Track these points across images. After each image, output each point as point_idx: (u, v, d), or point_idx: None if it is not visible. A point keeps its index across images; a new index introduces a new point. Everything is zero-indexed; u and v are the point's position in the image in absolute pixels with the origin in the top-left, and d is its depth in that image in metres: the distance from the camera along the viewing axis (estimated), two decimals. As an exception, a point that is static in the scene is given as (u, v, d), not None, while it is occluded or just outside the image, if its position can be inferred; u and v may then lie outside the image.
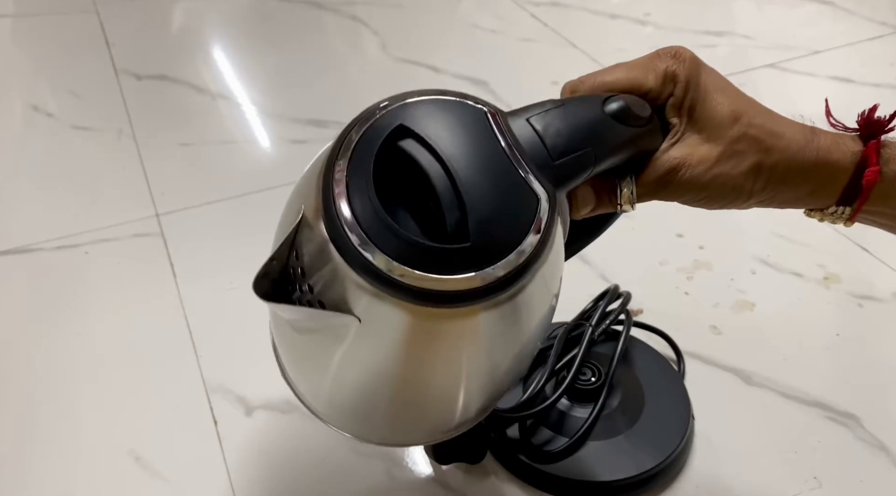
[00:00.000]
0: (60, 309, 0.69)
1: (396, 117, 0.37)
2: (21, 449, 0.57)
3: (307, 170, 0.42)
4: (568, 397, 0.57)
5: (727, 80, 0.43)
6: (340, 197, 0.35)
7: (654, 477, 0.54)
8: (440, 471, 0.56)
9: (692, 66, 0.41)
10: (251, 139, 0.93)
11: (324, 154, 0.39)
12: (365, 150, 0.36)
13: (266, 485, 0.55)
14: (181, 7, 1.23)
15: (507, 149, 0.37)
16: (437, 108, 0.37)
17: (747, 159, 0.41)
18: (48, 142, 0.91)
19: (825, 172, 0.42)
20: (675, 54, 0.42)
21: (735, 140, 0.41)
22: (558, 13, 1.17)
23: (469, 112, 0.38)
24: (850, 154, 0.41)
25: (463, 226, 0.35)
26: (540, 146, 0.38)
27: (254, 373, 0.61)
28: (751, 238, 0.76)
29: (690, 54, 0.42)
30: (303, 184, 0.40)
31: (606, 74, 0.42)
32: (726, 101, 0.41)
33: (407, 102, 0.37)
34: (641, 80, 0.42)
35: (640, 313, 0.67)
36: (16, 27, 1.17)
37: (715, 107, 0.41)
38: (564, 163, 0.38)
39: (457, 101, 0.38)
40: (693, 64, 0.42)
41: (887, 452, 0.57)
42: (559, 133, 0.38)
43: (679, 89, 0.41)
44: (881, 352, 0.65)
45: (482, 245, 0.35)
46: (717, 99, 0.41)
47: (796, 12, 1.18)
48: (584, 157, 0.38)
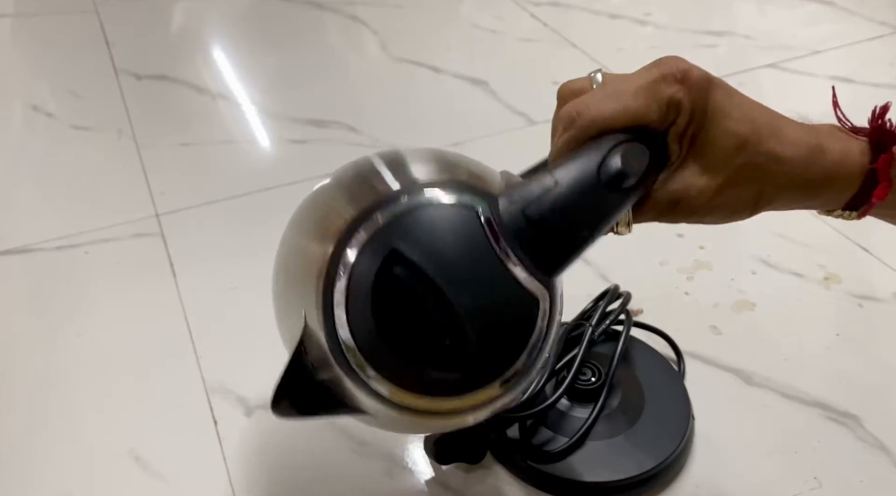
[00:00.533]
0: (60, 309, 0.69)
1: (391, 235, 0.37)
2: (21, 449, 0.57)
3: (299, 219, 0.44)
4: (568, 397, 0.57)
5: (738, 96, 0.40)
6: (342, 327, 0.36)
7: (654, 477, 0.54)
8: (440, 471, 0.56)
9: (699, 91, 0.39)
10: (251, 139, 0.93)
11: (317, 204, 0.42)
12: (363, 274, 0.36)
13: (266, 485, 0.55)
14: (181, 7, 1.23)
15: (501, 255, 0.37)
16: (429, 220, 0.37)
17: (749, 188, 0.40)
18: (48, 142, 0.91)
19: (831, 188, 0.41)
20: (683, 78, 0.39)
21: (737, 170, 0.39)
22: (558, 13, 1.17)
23: (462, 219, 0.37)
24: (859, 167, 0.40)
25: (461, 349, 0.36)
26: (536, 240, 0.38)
27: (254, 373, 0.61)
28: (751, 238, 0.76)
29: (699, 75, 0.39)
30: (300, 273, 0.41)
31: (605, 106, 0.39)
32: (733, 126, 0.39)
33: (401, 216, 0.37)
34: (643, 113, 0.39)
35: (640, 313, 0.67)
36: (16, 27, 1.17)
37: (719, 135, 0.39)
38: (562, 251, 0.38)
39: (450, 207, 0.38)
40: (700, 88, 0.39)
41: (887, 452, 0.57)
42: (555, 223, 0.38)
43: (682, 119, 0.39)
44: (881, 352, 0.65)
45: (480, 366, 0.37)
46: (722, 126, 0.39)
47: (796, 12, 1.18)
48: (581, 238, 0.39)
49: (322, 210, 0.42)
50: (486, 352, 0.37)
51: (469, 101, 0.98)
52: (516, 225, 0.37)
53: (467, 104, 0.98)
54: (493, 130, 0.92)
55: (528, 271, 0.37)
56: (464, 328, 0.36)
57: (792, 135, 0.40)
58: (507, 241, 0.37)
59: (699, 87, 0.39)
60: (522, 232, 0.37)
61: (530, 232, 0.37)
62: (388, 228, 0.37)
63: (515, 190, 0.39)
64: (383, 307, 0.36)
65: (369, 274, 0.36)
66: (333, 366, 0.37)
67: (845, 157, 0.40)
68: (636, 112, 0.39)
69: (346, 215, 0.38)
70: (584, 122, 0.39)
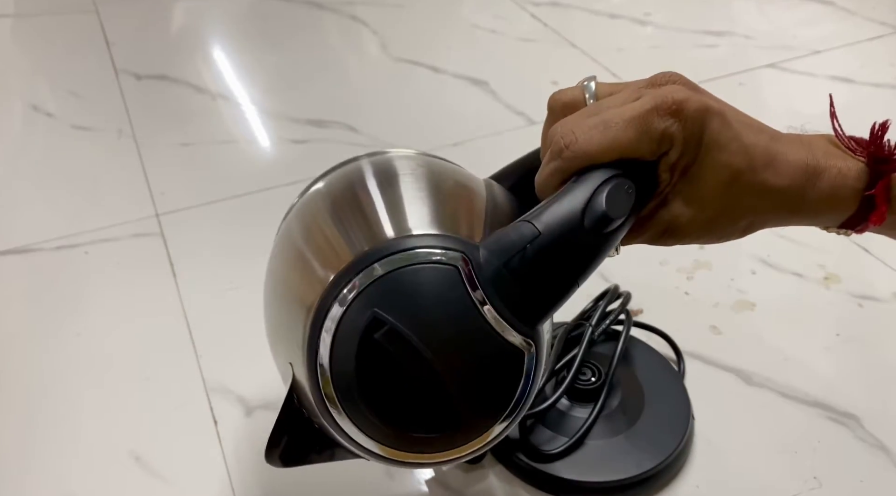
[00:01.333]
0: (60, 309, 0.69)
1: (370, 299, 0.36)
2: (21, 449, 0.57)
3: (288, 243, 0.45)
4: (568, 397, 0.57)
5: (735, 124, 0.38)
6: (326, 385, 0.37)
7: (654, 477, 0.54)
8: (440, 472, 0.56)
9: (694, 124, 0.37)
10: (251, 139, 0.93)
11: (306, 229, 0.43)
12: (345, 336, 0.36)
13: (266, 485, 0.55)
14: (181, 7, 1.23)
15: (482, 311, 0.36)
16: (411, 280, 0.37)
17: (740, 219, 0.40)
18: (48, 142, 0.91)
19: (826, 212, 0.40)
20: (678, 110, 0.37)
21: (729, 203, 0.39)
22: (558, 13, 1.17)
23: (441, 278, 0.37)
24: (856, 191, 0.39)
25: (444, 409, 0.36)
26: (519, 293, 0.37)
27: (254, 373, 0.61)
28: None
29: (696, 107, 0.37)
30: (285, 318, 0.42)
31: (594, 139, 0.37)
32: (727, 159, 0.38)
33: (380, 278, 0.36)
34: (634, 148, 0.37)
35: (640, 313, 0.67)
36: (16, 27, 1.17)
37: (712, 168, 0.38)
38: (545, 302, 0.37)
39: (431, 267, 0.37)
40: (695, 121, 0.37)
41: (887, 452, 0.57)
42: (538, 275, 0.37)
43: (675, 152, 0.37)
44: (881, 352, 0.65)
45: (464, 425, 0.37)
46: (716, 159, 0.37)
47: (796, 12, 1.18)
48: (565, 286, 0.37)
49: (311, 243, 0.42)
50: (469, 411, 0.36)
51: (469, 101, 0.98)
52: (498, 280, 0.36)
53: (467, 104, 0.98)
54: (492, 130, 0.92)
55: (511, 324, 0.36)
56: (445, 388, 0.36)
57: (787, 160, 0.39)
58: (488, 296, 0.36)
59: (694, 120, 0.37)
60: (505, 286, 0.36)
61: (513, 286, 0.36)
62: (372, 289, 0.36)
63: (498, 239, 0.37)
64: (365, 370, 0.36)
65: (353, 336, 0.36)
66: (321, 419, 0.38)
67: (842, 180, 0.39)
68: (627, 147, 0.37)
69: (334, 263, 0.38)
70: (570, 154, 0.38)
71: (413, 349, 0.35)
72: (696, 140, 0.37)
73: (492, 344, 0.36)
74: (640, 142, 0.37)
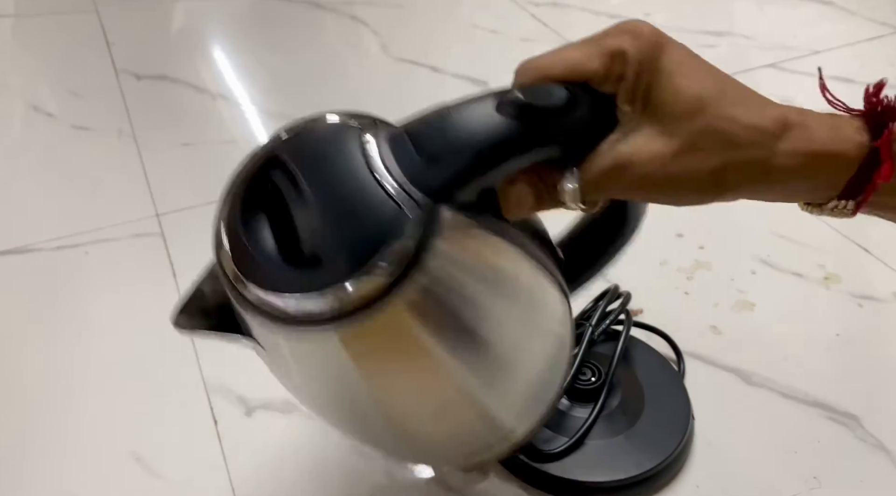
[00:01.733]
0: (60, 309, 0.69)
1: (277, 148, 0.38)
2: (21, 449, 0.57)
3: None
4: (568, 397, 0.57)
5: (700, 59, 0.36)
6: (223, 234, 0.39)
7: (654, 477, 0.54)
8: (440, 471, 0.56)
9: (649, 44, 0.35)
10: (251, 139, 0.93)
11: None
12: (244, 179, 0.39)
13: (266, 485, 0.55)
14: (181, 7, 1.23)
15: (373, 167, 0.36)
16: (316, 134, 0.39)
17: (711, 158, 0.35)
18: (48, 142, 0.91)
19: (822, 168, 0.36)
20: (633, 30, 0.36)
21: (696, 134, 0.35)
22: (558, 13, 1.18)
23: (344, 134, 0.38)
24: (854, 145, 0.35)
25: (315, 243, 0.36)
26: (416, 159, 0.36)
27: (254, 373, 0.61)
28: (751, 238, 0.76)
29: (651, 29, 0.36)
30: None
31: (546, 55, 0.37)
32: (691, 85, 0.35)
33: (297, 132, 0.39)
34: (584, 62, 0.35)
35: (640, 313, 0.67)
36: (16, 27, 1.17)
37: (675, 93, 0.35)
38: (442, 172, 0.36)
39: (337, 125, 0.39)
40: (651, 42, 0.35)
41: (887, 452, 0.57)
42: (436, 142, 0.36)
43: (630, 71, 0.35)
44: (881, 352, 0.65)
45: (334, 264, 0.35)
46: (679, 83, 0.35)
47: (796, 12, 1.18)
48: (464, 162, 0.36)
49: None
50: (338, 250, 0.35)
51: (469, 101, 0.98)
52: (397, 142, 0.37)
53: (467, 104, 0.98)
54: (493, 130, 0.92)
55: (399, 184, 0.35)
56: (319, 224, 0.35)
57: (766, 103, 0.36)
58: (382, 154, 0.36)
59: (649, 41, 0.35)
60: (404, 149, 0.36)
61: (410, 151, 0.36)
62: (280, 143, 0.39)
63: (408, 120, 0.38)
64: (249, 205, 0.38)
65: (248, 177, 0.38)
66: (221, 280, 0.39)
67: (836, 135, 0.36)
68: (577, 60, 0.36)
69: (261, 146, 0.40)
70: (522, 68, 0.37)
71: (296, 183, 0.36)
72: (653, 61, 0.35)
73: (372, 196, 0.35)
74: (590, 56, 0.36)
